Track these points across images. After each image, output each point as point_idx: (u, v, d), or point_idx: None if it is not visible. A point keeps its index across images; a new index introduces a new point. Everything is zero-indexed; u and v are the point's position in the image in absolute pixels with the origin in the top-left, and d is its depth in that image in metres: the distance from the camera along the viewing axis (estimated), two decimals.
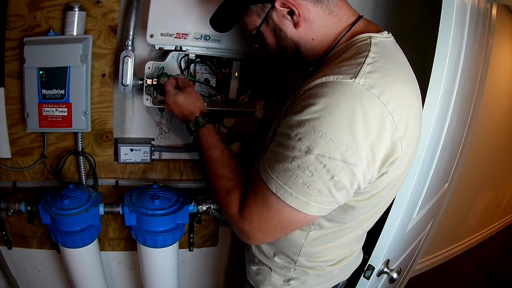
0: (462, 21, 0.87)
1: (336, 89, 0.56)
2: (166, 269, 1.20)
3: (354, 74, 0.57)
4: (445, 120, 0.95)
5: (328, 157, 0.55)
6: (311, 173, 0.57)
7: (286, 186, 0.59)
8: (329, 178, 0.57)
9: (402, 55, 0.71)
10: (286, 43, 0.71)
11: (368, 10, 1.27)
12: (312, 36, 0.69)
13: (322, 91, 0.57)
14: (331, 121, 0.55)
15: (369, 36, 0.66)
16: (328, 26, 0.68)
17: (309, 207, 0.59)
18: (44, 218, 1.04)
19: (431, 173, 1.00)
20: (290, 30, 0.69)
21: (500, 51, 2.02)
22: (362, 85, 0.56)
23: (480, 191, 2.55)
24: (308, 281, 0.87)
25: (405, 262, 1.33)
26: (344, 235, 0.79)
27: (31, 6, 0.98)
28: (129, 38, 1.02)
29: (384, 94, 0.57)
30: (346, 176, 0.57)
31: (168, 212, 1.09)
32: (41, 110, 1.01)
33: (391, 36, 0.71)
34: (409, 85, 0.64)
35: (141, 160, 1.20)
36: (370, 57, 0.60)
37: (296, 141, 0.57)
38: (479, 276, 2.54)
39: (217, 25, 0.78)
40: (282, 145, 0.60)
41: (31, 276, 1.35)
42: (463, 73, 0.96)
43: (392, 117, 0.57)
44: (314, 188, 0.58)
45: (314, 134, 0.55)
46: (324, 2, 0.67)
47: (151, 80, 1.03)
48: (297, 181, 0.58)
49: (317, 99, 0.56)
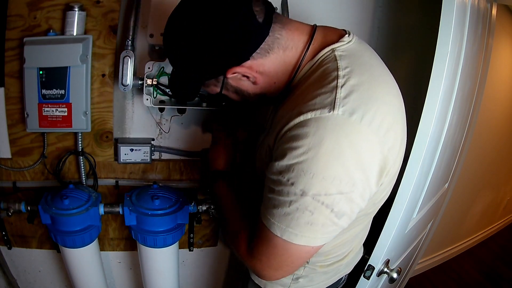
0: (462, 21, 0.87)
1: (317, 127, 0.55)
2: (166, 269, 1.20)
3: (331, 105, 0.56)
4: (445, 120, 0.94)
5: (324, 194, 0.56)
6: (311, 212, 0.57)
7: (290, 228, 0.59)
8: (329, 211, 0.58)
9: (369, 52, 0.69)
10: (250, 97, 0.73)
11: (368, 10, 1.27)
12: (273, 80, 0.69)
13: (303, 131, 0.56)
14: (319, 160, 0.55)
15: (332, 50, 0.65)
16: (286, 63, 0.67)
17: (316, 240, 0.61)
18: (44, 218, 1.05)
19: (431, 173, 1.00)
20: (250, 87, 0.70)
21: (500, 51, 2.02)
22: (342, 115, 0.55)
23: (480, 191, 2.55)
24: (315, 278, 0.88)
25: (405, 262, 1.33)
26: (351, 229, 0.79)
27: (31, 6, 0.98)
28: (129, 38, 1.02)
29: (366, 115, 0.56)
30: (345, 204, 0.58)
31: (168, 212, 1.09)
32: (41, 110, 1.01)
33: (353, 37, 0.68)
34: (387, 87, 0.63)
35: (141, 160, 1.20)
36: (341, 77, 0.59)
37: (289, 186, 0.57)
38: (479, 276, 2.54)
39: (176, 95, 0.79)
40: (277, 191, 0.60)
41: (31, 276, 1.35)
42: (463, 73, 0.96)
43: (378, 134, 0.57)
44: (317, 224, 0.58)
45: (305, 176, 0.55)
46: (275, 46, 0.65)
47: (151, 80, 1.03)
48: (300, 222, 0.58)
49: (300, 141, 0.56)
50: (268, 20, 0.63)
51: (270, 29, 0.64)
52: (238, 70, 0.66)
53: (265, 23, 0.63)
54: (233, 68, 0.66)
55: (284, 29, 0.66)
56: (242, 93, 0.73)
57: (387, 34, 1.33)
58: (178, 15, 0.66)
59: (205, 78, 0.71)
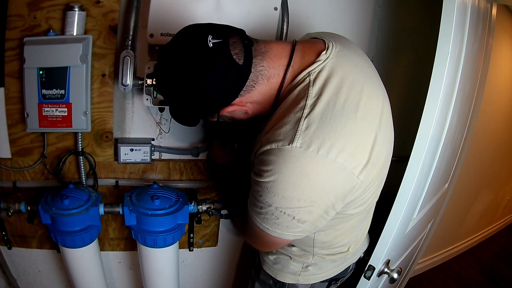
0: (462, 21, 0.87)
1: (278, 156, 0.64)
2: (166, 269, 1.20)
3: (291, 139, 0.63)
4: (445, 121, 0.94)
5: (285, 207, 0.67)
6: (276, 217, 0.69)
7: (263, 223, 0.72)
8: (291, 218, 0.68)
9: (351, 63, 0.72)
10: (243, 121, 0.81)
11: (368, 10, 1.27)
12: (263, 105, 0.75)
13: (268, 159, 0.65)
14: (279, 184, 0.64)
15: (308, 73, 0.68)
16: (271, 89, 0.72)
17: (284, 236, 0.72)
18: (44, 218, 1.04)
19: (431, 173, 1.00)
20: (242, 115, 0.77)
21: (500, 51, 2.02)
22: (299, 148, 0.62)
23: (480, 191, 2.55)
24: (324, 266, 0.95)
25: (405, 262, 1.33)
26: (349, 221, 0.84)
27: (31, 6, 0.98)
28: (129, 38, 1.02)
29: (323, 147, 0.62)
30: (305, 214, 0.68)
31: (168, 212, 1.09)
32: (41, 110, 1.01)
33: (331, 52, 0.70)
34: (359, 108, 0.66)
35: (141, 160, 1.20)
36: (307, 107, 0.65)
37: (259, 196, 0.69)
38: (479, 276, 2.54)
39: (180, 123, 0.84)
40: (253, 196, 0.71)
41: (31, 276, 1.35)
42: (464, 74, 0.96)
43: (337, 162, 0.63)
44: (283, 225, 0.70)
45: (269, 193, 0.66)
46: (259, 79, 0.70)
47: (151, 80, 1.03)
48: (269, 221, 0.71)
49: (266, 166, 0.65)
50: (248, 58, 0.68)
51: (252, 65, 0.68)
52: (229, 109, 0.73)
53: (245, 63, 0.68)
54: (224, 108, 0.73)
55: (265, 59, 0.70)
56: (236, 120, 0.80)
57: (387, 34, 1.33)
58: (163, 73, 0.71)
59: (201, 117, 0.82)
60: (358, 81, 0.70)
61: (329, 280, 0.97)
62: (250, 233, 0.80)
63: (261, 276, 1.01)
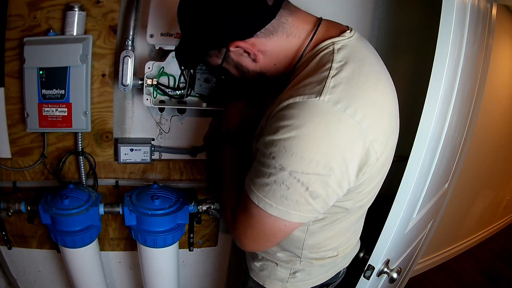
0: (462, 21, 0.87)
1: (302, 110, 0.59)
2: (166, 269, 1.20)
3: (318, 92, 0.59)
4: (445, 120, 0.94)
5: (301, 172, 0.59)
6: (287, 187, 0.61)
7: (266, 198, 0.63)
8: (304, 189, 0.61)
9: (370, 51, 0.72)
10: (249, 74, 0.76)
11: (368, 10, 1.27)
12: (274, 62, 0.72)
13: (290, 112, 0.60)
14: (300, 141, 0.58)
15: (332, 43, 0.67)
16: (288, 48, 0.70)
17: (289, 215, 0.64)
18: (44, 218, 1.05)
19: (431, 173, 1.00)
20: (250, 64, 0.73)
21: (500, 51, 2.02)
22: (327, 102, 0.59)
23: (480, 191, 2.55)
24: (313, 271, 0.90)
25: (405, 262, 1.33)
26: (341, 222, 0.82)
27: (31, 6, 0.98)
28: (129, 38, 1.02)
29: (350, 107, 0.59)
30: (320, 186, 0.61)
31: (168, 212, 1.09)
32: (41, 110, 1.01)
33: (354, 34, 0.71)
34: (379, 86, 0.66)
35: (141, 160, 1.20)
36: (333, 69, 0.62)
37: (271, 159, 0.61)
38: (479, 276, 2.54)
39: (181, 61, 0.82)
40: (260, 162, 0.64)
41: (31, 276, 1.35)
42: (463, 73, 0.96)
43: (361, 126, 0.60)
44: (291, 199, 0.62)
45: (286, 153, 0.59)
46: (279, 30, 0.68)
47: (151, 80, 1.03)
48: (276, 194, 0.62)
49: (286, 121, 0.60)
50: (277, 4, 0.67)
51: (278, 13, 0.67)
52: (240, 45, 0.68)
53: (273, 7, 0.66)
54: (236, 42, 0.68)
55: (291, 16, 0.69)
56: (242, 69, 0.75)
57: (387, 34, 1.33)
58: None
59: (209, 47, 0.73)
60: (377, 64, 0.70)
61: (319, 286, 0.94)
62: (242, 219, 0.70)
63: (249, 283, 0.98)
